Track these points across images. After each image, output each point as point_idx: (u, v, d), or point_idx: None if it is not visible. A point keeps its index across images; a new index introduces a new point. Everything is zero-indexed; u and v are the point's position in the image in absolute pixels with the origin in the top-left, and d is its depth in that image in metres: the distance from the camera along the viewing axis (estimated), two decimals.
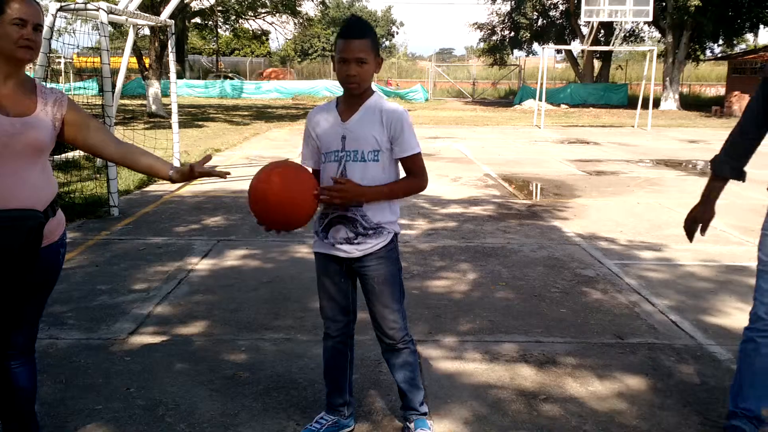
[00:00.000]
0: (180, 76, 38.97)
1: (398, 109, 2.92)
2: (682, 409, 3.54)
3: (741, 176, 3.26)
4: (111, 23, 9.75)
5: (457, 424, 3.36)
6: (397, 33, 77.99)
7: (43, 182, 2.57)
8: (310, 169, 3.02)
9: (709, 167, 3.34)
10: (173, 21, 11.03)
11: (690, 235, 3.45)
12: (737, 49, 41.55)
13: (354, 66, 2.80)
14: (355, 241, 2.95)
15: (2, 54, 2.50)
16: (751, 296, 3.24)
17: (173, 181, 2.78)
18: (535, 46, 43.07)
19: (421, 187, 3.02)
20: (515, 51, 46.22)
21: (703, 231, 3.40)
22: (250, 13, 41.69)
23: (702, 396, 3.68)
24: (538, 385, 3.80)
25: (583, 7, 23.89)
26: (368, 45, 2.81)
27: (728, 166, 3.23)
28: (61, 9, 8.09)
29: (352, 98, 2.92)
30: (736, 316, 4.90)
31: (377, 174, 2.91)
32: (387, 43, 73.03)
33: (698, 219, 3.37)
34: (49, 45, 8.02)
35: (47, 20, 7.92)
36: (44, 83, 2.66)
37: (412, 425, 3.17)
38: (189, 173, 2.72)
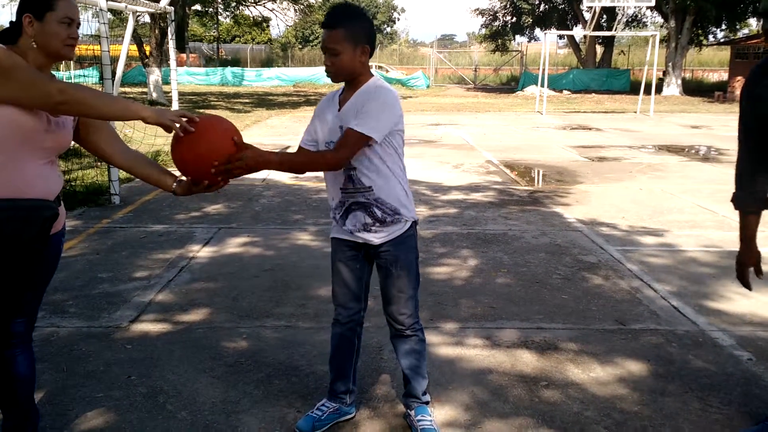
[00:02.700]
0: (181, 63, 38.86)
1: (379, 87, 2.82)
2: (683, 395, 3.54)
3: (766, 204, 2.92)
4: (110, 10, 9.70)
5: (458, 410, 3.36)
6: (399, 19, 77.76)
7: (54, 175, 2.61)
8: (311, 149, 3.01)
9: (733, 206, 2.98)
10: (173, 8, 10.98)
11: (745, 283, 3.02)
12: (740, 34, 41.30)
13: (328, 56, 2.78)
14: (374, 228, 2.94)
15: (47, 51, 2.48)
16: (755, 282, 3.18)
17: (176, 194, 2.78)
18: (537, 31, 42.89)
19: (327, 163, 2.85)
20: (517, 37, 46.07)
21: (757, 273, 2.99)
22: None
23: (703, 382, 3.68)
24: (540, 371, 3.80)
25: None
26: (341, 35, 2.74)
27: (747, 198, 2.88)
28: None
29: (348, 85, 2.89)
30: (738, 301, 4.89)
31: (373, 157, 2.86)
32: (388, 29, 72.77)
33: (745, 263, 2.99)
34: None
35: None
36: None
37: (412, 412, 3.17)
38: (189, 188, 2.73)
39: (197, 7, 43.92)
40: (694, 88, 36.39)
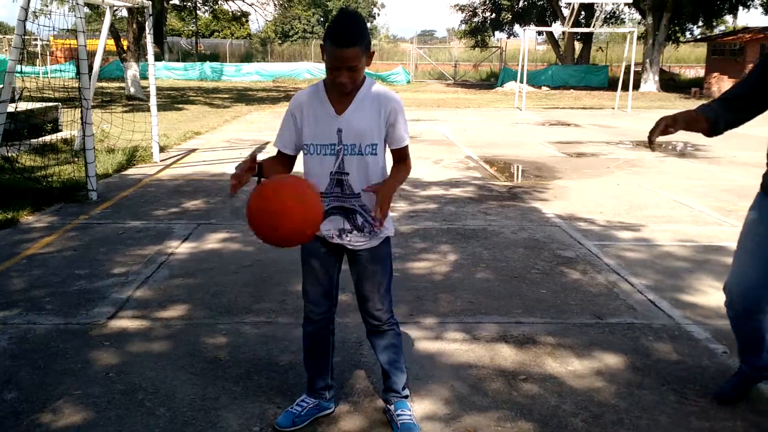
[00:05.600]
0: (159, 58, 38.54)
1: (394, 97, 2.86)
2: (659, 387, 3.58)
3: (717, 126, 3.15)
4: (87, 4, 9.59)
5: (438, 405, 3.38)
6: (379, 15, 77.59)
7: None
8: (288, 155, 2.98)
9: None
10: (151, 2, 10.87)
11: (651, 134, 3.22)
12: (716, 31, 41.76)
13: (345, 73, 2.69)
14: (350, 234, 2.93)
15: None
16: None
17: None
18: (517, 27, 43.02)
19: (409, 171, 3.03)
20: (496, 33, 46.15)
21: (652, 132, 3.20)
22: None
23: (680, 375, 3.72)
24: (518, 364, 3.82)
25: None
26: (360, 51, 2.66)
27: (712, 110, 3.15)
28: None
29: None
30: (713, 295, 4.95)
31: (374, 166, 2.87)
32: (368, 24, 72.58)
33: (666, 122, 3.17)
34: (24, 27, 7.87)
35: (22, 1, 7.76)
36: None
37: (392, 407, 3.18)
38: None
39: (175, 1, 43.61)
40: (671, 85, 36.70)
